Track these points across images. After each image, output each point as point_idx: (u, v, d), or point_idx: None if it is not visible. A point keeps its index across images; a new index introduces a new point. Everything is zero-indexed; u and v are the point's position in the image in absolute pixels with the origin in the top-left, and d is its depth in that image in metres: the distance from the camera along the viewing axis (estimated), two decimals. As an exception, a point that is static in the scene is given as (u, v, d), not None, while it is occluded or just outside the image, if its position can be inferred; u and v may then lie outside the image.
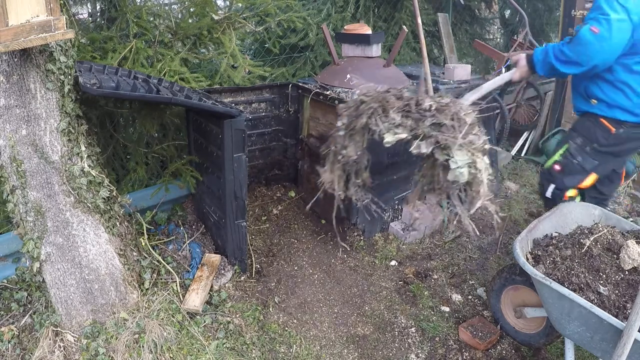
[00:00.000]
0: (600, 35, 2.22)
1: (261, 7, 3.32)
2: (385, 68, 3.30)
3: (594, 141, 2.55)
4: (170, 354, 2.21)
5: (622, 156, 2.62)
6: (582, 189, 2.69)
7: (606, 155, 2.56)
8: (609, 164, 2.61)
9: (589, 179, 2.61)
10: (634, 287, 1.88)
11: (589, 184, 2.63)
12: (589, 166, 2.58)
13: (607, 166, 2.62)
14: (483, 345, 2.35)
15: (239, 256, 2.75)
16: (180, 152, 3.13)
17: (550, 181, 2.69)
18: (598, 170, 2.59)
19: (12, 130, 1.92)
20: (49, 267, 2.16)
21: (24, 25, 1.60)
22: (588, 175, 2.60)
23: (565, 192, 2.68)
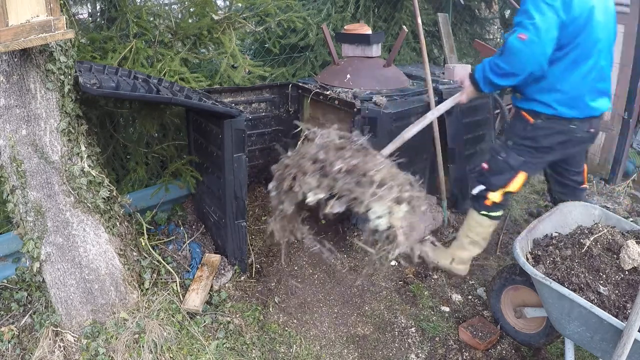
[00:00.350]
0: (528, 41, 2.16)
1: (261, 7, 3.32)
2: (385, 68, 3.30)
3: (514, 134, 2.52)
4: (170, 354, 2.21)
5: (546, 153, 2.48)
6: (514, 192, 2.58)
7: (529, 151, 2.46)
8: (536, 162, 2.51)
9: (518, 179, 2.51)
10: (634, 287, 1.88)
11: (519, 184, 2.53)
12: (513, 162, 2.49)
13: (535, 164, 2.53)
14: (483, 345, 2.35)
15: (239, 256, 2.75)
16: (180, 152, 3.13)
17: (480, 181, 2.64)
18: (526, 168, 2.50)
19: (12, 130, 1.92)
20: (49, 267, 2.16)
21: (24, 25, 1.60)
22: (516, 173, 2.51)
23: (490, 192, 2.58)
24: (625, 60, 3.94)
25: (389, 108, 2.93)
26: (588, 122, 2.39)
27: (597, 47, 2.26)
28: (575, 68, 2.28)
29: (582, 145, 2.56)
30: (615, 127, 4.16)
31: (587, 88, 2.31)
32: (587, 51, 2.25)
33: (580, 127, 2.39)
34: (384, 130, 2.93)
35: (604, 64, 2.34)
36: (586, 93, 2.32)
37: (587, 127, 2.41)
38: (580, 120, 2.37)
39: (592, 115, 2.38)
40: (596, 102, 2.36)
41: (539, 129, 2.43)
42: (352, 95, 3.04)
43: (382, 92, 3.14)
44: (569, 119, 2.36)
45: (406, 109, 3.04)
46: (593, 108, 2.35)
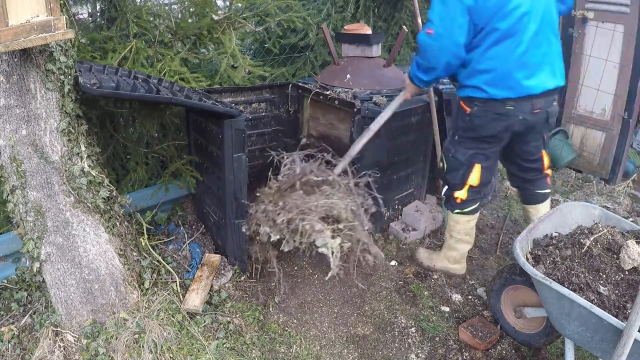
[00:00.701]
0: (435, 34, 2.20)
1: (261, 7, 3.31)
2: (385, 68, 3.30)
3: (458, 127, 2.51)
4: (170, 354, 2.21)
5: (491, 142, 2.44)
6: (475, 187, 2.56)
7: (474, 142, 2.45)
8: (486, 152, 2.47)
9: (474, 173, 2.49)
10: (634, 287, 1.88)
11: (477, 177, 2.51)
12: (462, 157, 2.49)
13: (485, 155, 2.48)
14: (483, 345, 2.35)
15: (239, 256, 2.75)
16: (180, 152, 3.13)
17: (444, 181, 2.66)
18: (477, 160, 2.47)
19: (12, 130, 1.92)
20: (49, 267, 2.16)
21: (24, 25, 1.60)
22: (469, 168, 2.49)
23: (455, 191, 2.59)
24: (625, 60, 3.94)
25: (389, 108, 2.93)
26: (528, 102, 2.30)
27: (523, 22, 2.18)
28: (499, 47, 2.22)
29: (532, 129, 2.43)
30: (615, 127, 4.16)
31: (515, 65, 2.23)
32: (510, 29, 2.18)
33: (519, 108, 2.30)
34: (384, 130, 2.93)
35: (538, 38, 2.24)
36: (515, 70, 2.24)
37: (530, 108, 2.31)
38: (515, 100, 2.28)
39: (529, 94, 2.28)
40: (531, 79, 2.26)
41: (476, 118, 2.40)
42: (352, 95, 3.05)
43: (382, 92, 3.14)
44: (501, 100, 2.30)
45: (406, 109, 3.04)
46: (528, 86, 2.26)
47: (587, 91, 4.28)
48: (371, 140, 2.94)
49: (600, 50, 4.09)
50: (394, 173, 3.20)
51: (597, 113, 4.26)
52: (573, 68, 4.33)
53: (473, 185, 2.55)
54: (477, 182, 2.54)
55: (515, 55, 2.22)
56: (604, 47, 4.04)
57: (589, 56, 4.19)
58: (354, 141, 2.78)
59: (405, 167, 3.28)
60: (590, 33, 4.13)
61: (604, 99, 4.17)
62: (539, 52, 2.26)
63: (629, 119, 4.03)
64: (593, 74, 4.19)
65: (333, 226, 2.41)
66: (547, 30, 2.27)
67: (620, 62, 3.99)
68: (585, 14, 4.07)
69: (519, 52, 2.22)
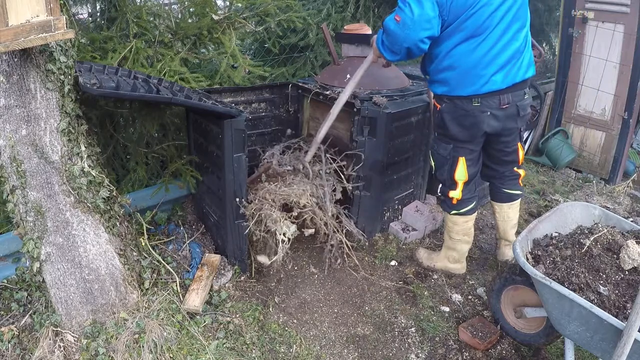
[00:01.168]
0: (401, 23, 2.20)
1: (261, 7, 3.32)
2: (385, 68, 3.29)
3: (435, 125, 2.54)
4: (170, 354, 2.21)
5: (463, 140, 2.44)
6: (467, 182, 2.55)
7: (450, 137, 2.46)
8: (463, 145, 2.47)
9: (460, 167, 2.50)
10: (634, 287, 1.88)
11: (463, 172, 2.51)
12: (443, 151, 2.51)
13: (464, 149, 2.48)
14: (483, 345, 2.35)
15: (239, 256, 2.75)
16: (180, 152, 3.13)
17: (436, 180, 2.68)
18: (460, 153, 2.48)
19: (12, 130, 1.92)
20: (49, 267, 2.16)
21: (24, 25, 1.60)
22: (454, 161, 2.50)
23: (448, 190, 2.59)
24: (625, 60, 3.94)
25: (389, 108, 2.93)
26: (495, 97, 2.30)
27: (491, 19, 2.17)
28: (465, 44, 2.22)
29: (504, 123, 2.40)
30: (615, 127, 4.16)
31: (481, 62, 2.23)
32: (477, 27, 2.18)
33: (486, 104, 2.31)
34: (384, 130, 2.93)
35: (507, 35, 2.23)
36: (481, 67, 2.24)
37: (497, 104, 2.31)
38: (481, 96, 2.29)
39: (495, 89, 2.28)
40: (497, 74, 2.26)
41: (445, 113, 2.42)
42: (352, 95, 3.04)
43: (382, 92, 3.14)
44: (467, 97, 2.31)
45: (406, 109, 3.04)
46: (494, 82, 2.26)
47: (587, 91, 4.28)
48: (371, 140, 2.95)
49: (600, 50, 4.09)
50: (394, 173, 3.20)
51: (597, 113, 4.26)
52: (573, 68, 4.33)
53: (465, 182, 2.55)
54: (466, 177, 2.54)
55: (481, 53, 2.23)
56: (604, 47, 4.05)
57: (589, 56, 4.19)
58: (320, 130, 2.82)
59: (405, 167, 3.28)
60: (590, 33, 4.13)
61: (604, 99, 4.17)
62: (507, 49, 2.25)
63: (629, 119, 4.03)
64: (593, 74, 4.19)
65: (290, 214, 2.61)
66: (515, 25, 2.25)
67: (620, 62, 3.99)
68: (585, 14, 4.07)
69: (485, 49, 2.22)
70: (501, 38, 2.23)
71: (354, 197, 3.10)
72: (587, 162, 4.41)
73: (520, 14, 2.27)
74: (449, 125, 2.43)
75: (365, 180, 3.06)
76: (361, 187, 3.08)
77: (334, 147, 3.19)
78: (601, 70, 4.11)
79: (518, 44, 2.28)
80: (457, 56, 2.26)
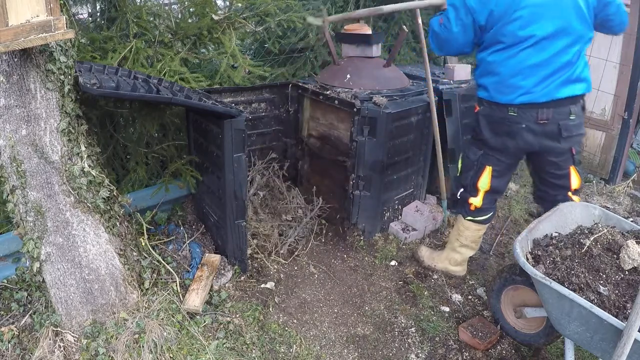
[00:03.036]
0: (443, 26, 2.27)
1: (261, 7, 3.31)
2: (385, 68, 3.30)
3: (471, 128, 2.52)
4: (170, 354, 2.21)
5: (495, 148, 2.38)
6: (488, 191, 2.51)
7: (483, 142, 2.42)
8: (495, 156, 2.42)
9: (484, 175, 2.46)
10: (634, 287, 1.88)
11: (487, 181, 2.46)
12: (472, 156, 2.47)
13: (495, 158, 2.42)
14: (483, 345, 2.35)
15: (239, 256, 2.75)
16: (180, 152, 3.13)
17: (460, 183, 2.64)
18: (488, 162, 2.43)
19: (12, 130, 1.92)
20: (49, 267, 2.16)
21: (24, 25, 1.60)
22: (480, 169, 2.45)
23: (469, 196, 2.56)
24: (625, 60, 3.94)
25: (389, 108, 2.93)
26: (532, 110, 2.22)
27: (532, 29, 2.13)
28: (505, 52, 2.21)
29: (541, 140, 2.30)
30: (615, 127, 4.16)
31: (520, 71, 2.19)
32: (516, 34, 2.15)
33: (523, 116, 2.24)
34: (384, 130, 2.93)
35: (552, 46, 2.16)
36: (519, 76, 2.20)
37: (534, 118, 2.23)
38: (517, 106, 2.23)
39: (531, 102, 2.21)
40: (537, 87, 2.20)
41: (481, 117, 2.39)
42: (352, 95, 3.05)
43: (382, 92, 3.14)
44: (504, 105, 2.27)
45: (406, 109, 3.04)
46: (531, 93, 2.21)
47: (587, 91, 4.28)
48: (371, 140, 2.95)
49: (600, 50, 4.09)
50: (394, 173, 3.20)
51: (597, 113, 4.26)
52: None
53: (486, 191, 2.50)
54: (488, 187, 2.48)
55: (521, 62, 2.19)
56: (604, 47, 4.05)
57: (589, 56, 4.18)
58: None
59: (405, 167, 3.28)
60: (590, 33, 4.12)
61: (604, 99, 4.17)
62: (552, 62, 2.18)
63: (629, 119, 4.03)
64: (593, 74, 4.14)
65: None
66: (565, 39, 2.17)
67: (620, 62, 3.99)
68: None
69: (526, 58, 2.18)
70: (545, 50, 2.17)
71: (354, 197, 3.10)
72: (587, 162, 4.41)
73: (573, 30, 2.17)
74: (483, 129, 2.40)
75: (365, 180, 3.06)
76: (361, 187, 3.08)
77: (334, 147, 3.20)
78: (601, 70, 4.12)
79: (567, 59, 2.19)
80: (497, 62, 2.24)
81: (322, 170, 3.41)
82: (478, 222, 2.64)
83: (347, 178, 3.11)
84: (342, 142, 3.17)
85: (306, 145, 3.49)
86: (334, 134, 3.25)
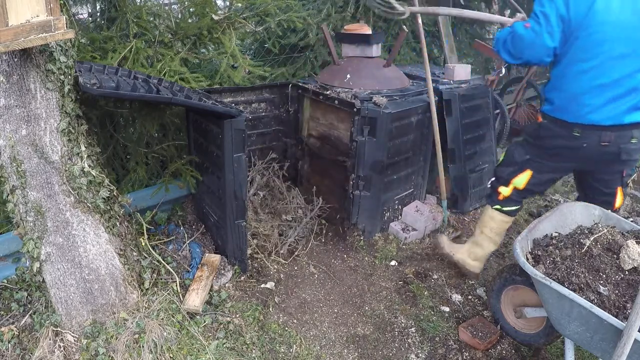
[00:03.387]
0: (530, 30, 2.19)
1: (261, 7, 3.31)
2: (385, 68, 3.30)
3: (527, 132, 2.52)
4: (170, 354, 2.21)
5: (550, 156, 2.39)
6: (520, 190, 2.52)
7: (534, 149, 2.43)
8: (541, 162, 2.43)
9: (523, 175, 2.48)
10: (634, 287, 1.88)
11: (523, 181, 2.48)
12: (518, 157, 2.48)
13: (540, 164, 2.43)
14: (483, 345, 2.35)
15: (239, 256, 2.75)
16: (180, 152, 3.13)
17: (494, 173, 2.66)
18: (530, 167, 2.46)
19: (12, 130, 1.92)
20: (49, 267, 2.16)
21: (24, 25, 1.60)
22: (521, 169, 2.48)
23: (499, 186, 2.57)
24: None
25: (389, 108, 2.93)
26: (596, 132, 2.19)
27: (603, 48, 2.08)
28: (574, 68, 2.17)
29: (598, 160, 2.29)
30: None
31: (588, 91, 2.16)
32: (587, 50, 2.11)
33: (586, 137, 2.21)
34: (384, 130, 2.93)
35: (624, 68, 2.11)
36: (587, 97, 2.16)
37: (597, 140, 2.20)
38: (581, 126, 2.20)
39: (596, 124, 2.18)
40: (603, 109, 2.16)
41: (543, 129, 2.37)
42: (352, 95, 3.05)
43: (382, 92, 3.14)
44: (570, 124, 2.24)
45: (406, 109, 3.04)
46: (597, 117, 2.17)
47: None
48: (371, 140, 2.95)
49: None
50: (394, 173, 3.20)
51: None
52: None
53: (517, 188, 2.52)
54: (522, 187, 2.51)
55: (589, 80, 2.15)
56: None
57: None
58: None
59: (405, 167, 3.28)
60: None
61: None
62: (621, 84, 2.13)
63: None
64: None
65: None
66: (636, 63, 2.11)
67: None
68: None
69: (593, 77, 2.14)
70: (614, 70, 2.12)
71: (354, 197, 3.10)
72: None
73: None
74: (540, 140, 2.39)
75: (365, 180, 3.06)
76: (361, 187, 3.08)
77: (334, 147, 3.20)
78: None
79: (634, 84, 2.14)
80: (566, 78, 2.21)
81: (322, 170, 3.41)
82: (504, 213, 2.62)
83: (347, 178, 3.11)
84: (342, 142, 3.17)
85: (306, 145, 3.49)
86: (334, 134, 3.25)
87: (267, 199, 3.33)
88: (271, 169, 3.41)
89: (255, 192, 3.24)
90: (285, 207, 3.31)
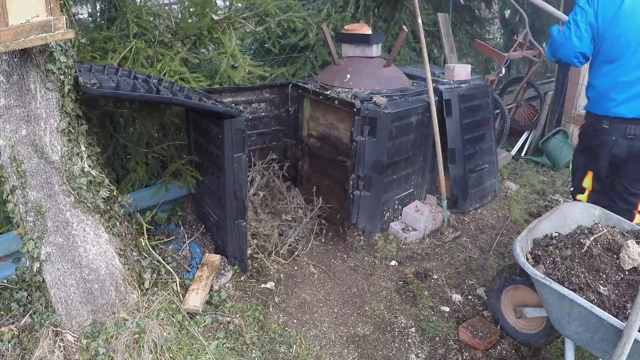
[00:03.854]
0: (561, 34, 2.44)
1: (261, 7, 3.32)
2: (385, 68, 3.30)
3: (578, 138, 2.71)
4: (170, 354, 2.21)
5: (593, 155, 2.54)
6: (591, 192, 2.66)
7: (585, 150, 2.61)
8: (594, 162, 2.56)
9: (587, 178, 2.64)
10: (634, 287, 1.88)
11: (589, 183, 2.64)
12: (577, 162, 2.70)
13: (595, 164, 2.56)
14: (483, 345, 2.35)
15: (239, 256, 2.75)
16: (180, 152, 3.13)
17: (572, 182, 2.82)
18: (590, 168, 2.60)
19: (12, 130, 1.92)
20: (49, 267, 2.16)
21: (24, 25, 1.60)
22: (584, 172, 2.64)
23: (576, 194, 2.73)
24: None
25: (389, 108, 2.93)
26: (622, 125, 2.37)
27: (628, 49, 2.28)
28: (603, 67, 2.38)
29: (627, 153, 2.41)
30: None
31: (615, 86, 2.35)
32: (613, 52, 2.32)
33: (613, 129, 2.40)
34: (384, 130, 2.93)
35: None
36: (613, 91, 2.36)
37: (623, 132, 2.38)
38: (609, 119, 2.40)
39: (621, 116, 2.36)
40: (628, 102, 2.34)
41: (585, 129, 2.58)
42: (352, 95, 3.05)
43: (382, 92, 3.14)
44: (599, 117, 2.44)
45: (406, 109, 3.04)
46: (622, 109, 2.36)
47: (587, 91, 4.28)
48: (371, 140, 2.95)
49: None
50: (394, 173, 3.20)
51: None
52: (573, 68, 4.32)
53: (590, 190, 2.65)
54: (591, 187, 2.65)
55: (615, 77, 2.36)
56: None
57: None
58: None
59: (405, 167, 3.28)
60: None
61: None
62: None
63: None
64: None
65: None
66: None
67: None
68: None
69: (619, 75, 2.34)
70: (637, 69, 2.32)
71: (354, 197, 3.10)
72: None
73: None
74: (584, 140, 2.60)
75: (365, 180, 3.06)
76: (361, 187, 3.08)
77: (334, 147, 3.19)
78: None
79: None
80: (597, 77, 2.44)
81: (322, 170, 3.41)
82: None
83: (347, 178, 3.11)
84: (342, 142, 3.17)
85: (306, 145, 3.49)
86: (334, 134, 3.25)
87: (267, 199, 3.33)
88: (271, 169, 3.41)
89: (255, 192, 3.24)
90: (285, 207, 3.31)
